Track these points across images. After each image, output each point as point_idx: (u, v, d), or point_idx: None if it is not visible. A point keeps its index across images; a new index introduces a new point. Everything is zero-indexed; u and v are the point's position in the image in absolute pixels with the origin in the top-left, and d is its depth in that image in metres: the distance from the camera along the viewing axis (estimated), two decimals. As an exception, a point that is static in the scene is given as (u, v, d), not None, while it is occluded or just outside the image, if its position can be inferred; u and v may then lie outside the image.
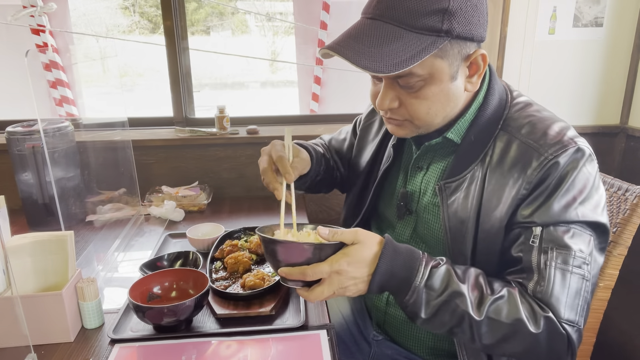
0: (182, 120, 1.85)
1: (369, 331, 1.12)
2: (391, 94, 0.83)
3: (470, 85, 0.84)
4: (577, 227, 0.78)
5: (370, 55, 0.74)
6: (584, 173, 0.79)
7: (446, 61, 0.78)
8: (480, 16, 0.78)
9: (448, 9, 0.74)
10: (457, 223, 0.86)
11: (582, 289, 0.78)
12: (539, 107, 0.89)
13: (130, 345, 0.84)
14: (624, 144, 1.85)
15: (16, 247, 0.87)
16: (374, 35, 0.76)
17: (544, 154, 0.79)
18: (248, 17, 5.22)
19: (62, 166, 1.32)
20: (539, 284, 0.77)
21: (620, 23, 1.73)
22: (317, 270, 0.73)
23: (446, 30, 0.74)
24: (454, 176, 0.87)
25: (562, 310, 0.77)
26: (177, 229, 1.35)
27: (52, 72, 3.09)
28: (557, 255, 0.77)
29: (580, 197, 0.78)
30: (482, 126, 0.86)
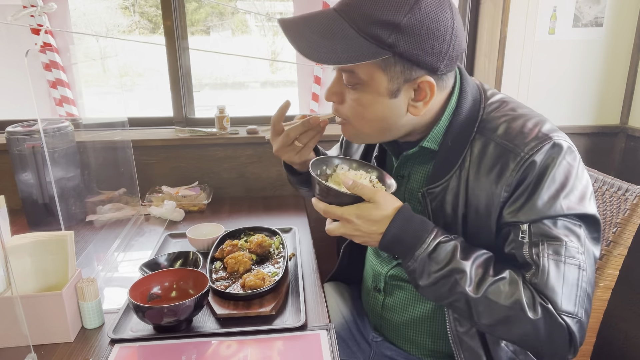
0: (182, 120, 1.85)
1: (368, 332, 1.12)
2: (337, 87, 0.85)
3: (413, 109, 0.82)
4: (564, 219, 0.78)
5: (314, 42, 0.77)
6: (563, 166, 0.78)
7: (387, 75, 0.78)
8: (435, 43, 0.75)
9: (399, 25, 0.73)
10: (443, 227, 0.86)
11: (579, 279, 0.77)
12: (514, 104, 0.88)
13: (130, 345, 0.84)
14: (624, 144, 1.85)
15: (16, 247, 0.87)
16: (325, 26, 0.78)
17: (520, 154, 0.79)
18: (248, 17, 5.22)
19: (62, 166, 1.32)
20: (535, 276, 0.77)
21: (620, 23, 1.73)
22: (331, 211, 0.80)
23: (390, 44, 0.74)
24: (435, 182, 0.88)
25: (558, 301, 0.76)
26: (177, 229, 1.35)
27: (52, 72, 3.09)
28: (549, 247, 0.77)
29: (564, 190, 0.78)
30: (458, 131, 0.86)
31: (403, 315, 1.02)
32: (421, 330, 1.00)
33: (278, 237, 1.19)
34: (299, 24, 0.79)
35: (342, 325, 1.15)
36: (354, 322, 1.16)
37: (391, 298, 1.04)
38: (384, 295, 1.05)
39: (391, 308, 1.04)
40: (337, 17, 0.78)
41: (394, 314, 1.03)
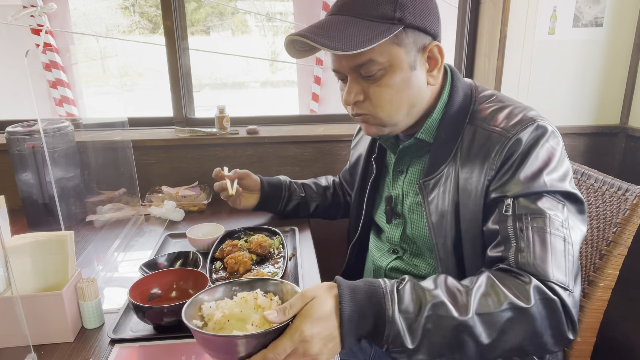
0: (182, 120, 1.85)
1: None
2: (356, 87, 0.87)
3: (431, 79, 0.88)
4: (547, 195, 0.80)
5: (330, 37, 0.79)
6: (547, 147, 0.82)
7: (403, 49, 0.82)
8: (430, 12, 0.84)
9: (398, 0, 0.80)
10: (439, 217, 0.89)
11: (566, 251, 0.76)
12: (504, 97, 0.92)
13: (130, 345, 0.84)
14: (624, 144, 1.85)
15: (16, 247, 0.87)
16: (334, 23, 0.81)
17: (505, 134, 0.82)
18: (248, 17, 5.22)
19: (62, 166, 1.32)
20: (520, 251, 0.76)
21: (620, 23, 1.73)
22: (279, 349, 0.63)
23: (399, 18, 0.80)
24: (431, 174, 0.91)
25: (549, 270, 0.74)
26: (177, 229, 1.35)
27: (52, 72, 3.09)
28: (532, 220, 0.78)
29: (547, 168, 0.80)
30: (451, 123, 0.90)
31: None
32: None
33: (278, 237, 1.19)
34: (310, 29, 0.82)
35: (342, 325, 1.14)
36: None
37: None
38: None
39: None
40: (340, 16, 0.83)
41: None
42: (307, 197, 1.35)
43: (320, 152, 1.75)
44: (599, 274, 1.01)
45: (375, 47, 0.79)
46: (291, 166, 1.76)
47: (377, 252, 1.11)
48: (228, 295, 0.81)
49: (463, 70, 1.91)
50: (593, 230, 1.07)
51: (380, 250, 1.10)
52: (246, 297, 0.77)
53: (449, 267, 0.90)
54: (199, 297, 0.77)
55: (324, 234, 1.58)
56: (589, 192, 1.11)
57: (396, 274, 1.04)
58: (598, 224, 1.06)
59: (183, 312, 0.71)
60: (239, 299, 0.77)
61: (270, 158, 1.75)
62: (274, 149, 1.75)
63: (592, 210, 1.09)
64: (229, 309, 0.74)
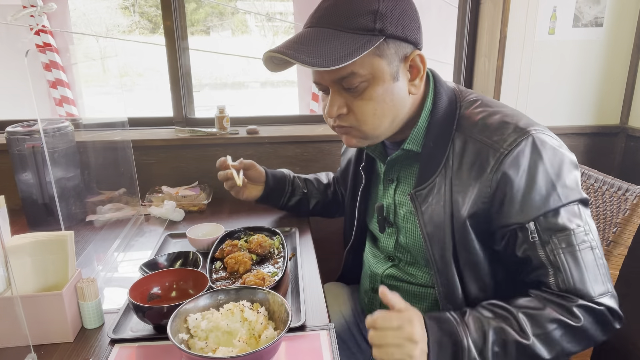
0: (182, 120, 1.85)
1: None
2: (339, 100, 0.85)
3: (413, 88, 0.86)
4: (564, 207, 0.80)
5: (310, 52, 0.77)
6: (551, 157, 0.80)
7: (385, 60, 0.80)
8: (411, 21, 0.81)
9: (378, 11, 0.78)
10: (434, 228, 0.87)
11: (596, 259, 0.79)
12: (490, 101, 0.90)
13: (130, 345, 0.84)
14: (624, 144, 1.85)
15: (16, 247, 0.87)
16: (313, 38, 0.79)
17: (499, 150, 0.80)
18: (248, 17, 5.22)
19: (62, 166, 1.32)
20: (558, 277, 0.79)
21: (620, 23, 1.73)
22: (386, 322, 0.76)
23: (379, 29, 0.78)
24: (422, 184, 0.89)
25: (590, 289, 0.78)
26: (177, 229, 1.35)
27: (52, 72, 3.09)
28: (560, 241, 0.78)
29: (559, 180, 0.80)
30: (438, 130, 0.88)
31: None
32: None
33: (278, 237, 1.19)
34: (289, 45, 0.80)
35: (342, 326, 1.15)
36: (355, 323, 1.16)
37: None
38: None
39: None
40: (319, 29, 0.80)
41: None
42: (309, 193, 1.35)
43: (320, 152, 1.75)
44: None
45: (356, 60, 0.77)
46: (291, 166, 1.76)
47: (373, 258, 1.10)
48: (214, 305, 0.81)
49: (463, 71, 1.91)
50: (593, 230, 1.07)
51: (376, 257, 1.09)
52: (232, 309, 0.77)
53: (449, 279, 0.88)
54: (184, 308, 0.78)
55: (324, 234, 1.58)
56: (589, 192, 1.11)
57: (392, 281, 1.03)
58: (598, 224, 1.06)
59: (168, 327, 0.72)
60: (225, 311, 0.77)
61: (270, 158, 1.75)
62: (274, 149, 1.75)
63: (592, 210, 1.09)
64: (215, 321, 0.75)
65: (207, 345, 0.73)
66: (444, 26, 2.54)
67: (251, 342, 0.75)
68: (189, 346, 0.74)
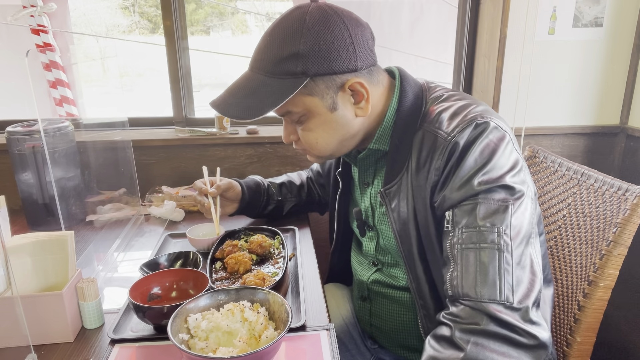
0: (182, 120, 1.85)
1: (366, 339, 1.13)
2: (289, 128, 0.90)
3: (360, 110, 0.86)
4: (480, 197, 0.75)
5: (238, 105, 0.82)
6: (486, 144, 0.77)
7: (316, 97, 0.82)
8: (339, 51, 0.79)
9: (299, 53, 0.78)
10: (401, 225, 0.88)
11: (501, 262, 0.72)
12: (456, 95, 0.89)
13: (130, 345, 0.84)
14: (624, 144, 1.85)
15: (16, 247, 0.87)
16: (245, 87, 0.83)
17: (446, 138, 0.80)
18: (248, 17, 5.22)
19: (62, 166, 1.32)
20: (453, 272, 0.76)
21: (620, 23, 1.73)
22: None
23: (302, 71, 0.79)
24: (390, 182, 0.89)
25: (473, 291, 0.71)
26: (177, 229, 1.35)
27: (52, 72, 3.09)
28: (464, 235, 0.76)
29: (485, 167, 0.76)
30: (403, 128, 0.88)
31: (390, 322, 1.03)
32: (410, 334, 1.01)
33: (278, 237, 1.19)
34: (225, 97, 0.85)
35: (342, 328, 1.15)
36: (355, 325, 1.16)
37: (377, 305, 1.05)
38: (370, 303, 1.06)
39: (378, 315, 1.05)
40: (253, 74, 0.84)
41: (381, 321, 1.05)
42: (283, 199, 1.34)
43: (320, 152, 1.75)
44: (599, 274, 1.01)
45: (288, 100, 0.79)
46: (291, 166, 1.76)
47: (358, 266, 1.11)
48: (214, 305, 0.81)
49: (463, 71, 1.91)
50: (593, 230, 1.07)
51: (361, 264, 1.10)
52: (233, 309, 0.78)
53: (418, 274, 0.88)
54: (184, 308, 0.78)
55: (324, 234, 1.58)
56: (589, 192, 1.11)
57: (378, 287, 1.04)
58: (598, 224, 1.06)
59: (169, 327, 0.72)
60: (225, 311, 0.77)
61: (270, 158, 1.75)
62: (274, 149, 1.75)
63: (592, 210, 1.09)
64: (215, 322, 0.75)
65: (208, 345, 0.73)
66: (444, 26, 2.54)
67: (251, 342, 0.75)
68: (189, 346, 0.74)
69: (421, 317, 0.91)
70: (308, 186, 1.38)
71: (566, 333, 1.07)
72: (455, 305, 0.74)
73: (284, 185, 1.35)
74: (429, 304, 0.88)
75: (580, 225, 1.10)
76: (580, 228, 1.10)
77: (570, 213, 1.14)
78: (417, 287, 0.89)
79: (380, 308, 1.04)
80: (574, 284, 1.08)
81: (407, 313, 1.00)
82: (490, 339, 0.69)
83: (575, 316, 1.04)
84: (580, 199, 1.12)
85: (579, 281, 1.06)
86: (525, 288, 0.72)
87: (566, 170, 1.17)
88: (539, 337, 0.70)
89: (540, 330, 0.70)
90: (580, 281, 1.06)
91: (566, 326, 1.08)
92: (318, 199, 1.38)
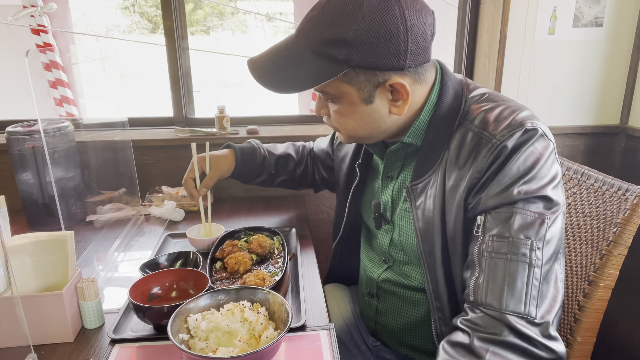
0: (182, 120, 1.85)
1: (368, 336, 1.12)
2: (321, 103, 0.89)
3: (395, 109, 0.83)
4: (518, 207, 0.74)
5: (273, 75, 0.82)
6: (531, 152, 0.76)
7: (354, 87, 0.80)
8: (390, 48, 0.75)
9: (346, 40, 0.75)
10: (425, 224, 0.86)
11: (529, 277, 0.71)
12: (497, 96, 0.87)
13: (130, 345, 0.84)
14: (624, 144, 1.85)
15: (16, 247, 0.87)
16: (285, 57, 0.81)
17: (492, 140, 0.78)
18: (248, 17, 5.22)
19: (62, 166, 1.32)
20: (478, 279, 0.74)
21: (620, 23, 1.73)
22: None
23: (343, 59, 0.76)
24: (418, 177, 0.87)
25: (498, 302, 0.71)
26: (177, 229, 1.35)
27: (52, 72, 3.09)
28: (495, 244, 0.74)
29: (526, 176, 0.75)
30: (440, 125, 0.86)
31: (397, 320, 1.02)
32: (417, 334, 1.01)
33: (278, 237, 1.19)
34: (263, 61, 0.84)
35: (342, 328, 1.15)
36: (355, 325, 1.16)
37: (384, 303, 1.04)
38: (377, 300, 1.05)
39: (385, 313, 1.04)
40: (296, 43, 0.81)
41: (388, 318, 1.04)
42: (276, 173, 1.31)
43: (320, 152, 1.75)
44: (599, 274, 1.01)
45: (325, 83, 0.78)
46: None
47: (368, 262, 1.09)
48: (214, 305, 0.81)
49: (463, 71, 1.91)
50: (593, 230, 1.07)
51: (371, 260, 1.08)
52: (233, 309, 0.77)
53: (437, 276, 0.86)
54: (184, 308, 0.78)
55: (324, 234, 1.58)
56: (589, 192, 1.11)
57: (388, 286, 1.02)
58: (598, 224, 1.06)
59: (169, 327, 0.72)
60: (225, 311, 0.77)
61: (270, 158, 1.75)
62: (274, 149, 1.75)
63: (592, 210, 1.09)
64: (215, 322, 0.75)
65: (208, 345, 0.73)
66: (444, 26, 2.54)
67: (251, 342, 0.75)
68: (189, 346, 0.74)
69: (435, 319, 0.89)
70: (305, 163, 1.34)
71: (566, 333, 1.07)
72: (475, 312, 0.73)
73: (281, 158, 1.31)
74: (446, 306, 0.86)
75: (580, 225, 1.10)
76: (581, 228, 1.10)
77: (570, 213, 1.14)
78: (435, 288, 0.87)
79: (388, 306, 1.03)
80: (574, 283, 1.08)
81: (417, 313, 0.99)
82: (509, 350, 0.68)
83: (575, 316, 1.04)
84: (580, 199, 1.12)
85: (579, 281, 1.06)
86: (548, 304, 0.72)
87: (566, 170, 1.17)
88: (557, 352, 0.70)
89: (558, 344, 0.71)
90: (580, 281, 1.06)
91: (566, 326, 1.08)
92: (312, 179, 1.35)
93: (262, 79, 0.82)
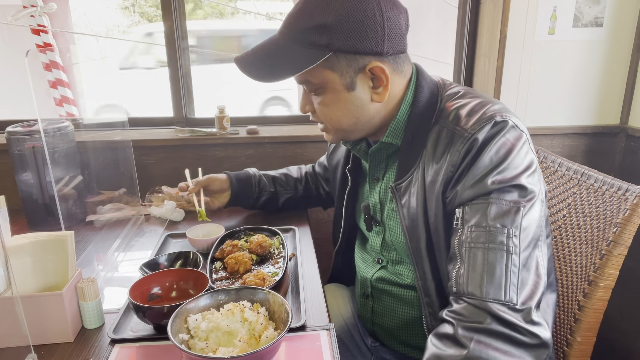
0: (182, 120, 1.85)
1: (367, 338, 1.13)
2: (306, 98, 0.91)
3: (376, 96, 0.86)
4: (493, 197, 0.75)
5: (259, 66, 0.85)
6: (503, 143, 0.77)
7: (336, 73, 0.82)
8: (368, 31, 0.79)
9: (327, 25, 0.78)
10: (410, 221, 0.88)
11: (508, 264, 0.72)
12: (472, 93, 0.89)
13: (130, 345, 0.84)
14: (624, 144, 1.85)
15: (16, 247, 0.87)
16: (269, 50, 0.85)
17: (464, 134, 0.79)
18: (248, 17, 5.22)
19: (62, 166, 1.32)
20: (459, 270, 0.75)
21: (620, 23, 1.73)
22: None
23: (326, 44, 0.79)
24: (401, 177, 0.89)
25: (478, 290, 0.71)
26: (177, 229, 1.35)
27: (52, 72, 3.09)
28: (473, 234, 0.75)
29: (500, 166, 0.76)
30: (417, 123, 0.88)
31: (393, 319, 1.03)
32: (412, 331, 1.01)
33: (278, 237, 1.19)
34: (248, 56, 0.87)
35: (342, 328, 1.15)
36: (355, 325, 1.16)
37: (379, 303, 1.05)
38: (372, 300, 1.06)
39: (381, 313, 1.05)
40: (279, 37, 0.85)
41: (384, 318, 1.04)
42: (277, 192, 1.35)
43: (320, 152, 1.75)
44: (599, 274, 1.01)
45: (307, 70, 0.80)
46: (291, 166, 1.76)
47: (362, 263, 1.10)
48: (214, 305, 0.81)
49: (463, 71, 1.91)
50: (593, 230, 1.07)
51: (365, 261, 1.10)
52: (233, 309, 0.78)
53: (425, 271, 0.88)
54: (184, 308, 0.78)
55: (324, 234, 1.58)
56: (589, 192, 1.11)
57: (382, 285, 1.03)
58: (598, 224, 1.06)
59: (169, 327, 0.72)
60: (225, 311, 0.77)
61: (270, 158, 1.75)
62: (274, 149, 1.75)
63: (592, 210, 1.09)
64: (215, 322, 0.75)
65: (208, 345, 0.73)
66: (444, 26, 2.54)
67: (251, 342, 0.75)
68: (189, 346, 0.74)
69: (426, 315, 0.90)
70: (306, 180, 1.38)
71: (566, 333, 1.07)
72: (459, 303, 0.74)
73: (277, 178, 1.36)
74: (435, 301, 0.88)
75: (580, 225, 1.10)
76: (580, 228, 1.10)
77: (570, 213, 1.14)
78: (424, 284, 0.89)
79: (383, 306, 1.04)
80: (574, 283, 1.08)
81: (411, 311, 1.00)
82: (493, 337, 0.69)
83: (575, 316, 1.04)
84: (580, 199, 1.12)
85: (579, 281, 1.06)
86: (529, 290, 0.73)
87: (566, 170, 1.17)
88: (540, 336, 0.70)
89: (542, 329, 0.71)
90: (580, 281, 1.06)
91: (566, 326, 1.08)
92: (317, 194, 1.37)
93: (250, 71, 0.85)
